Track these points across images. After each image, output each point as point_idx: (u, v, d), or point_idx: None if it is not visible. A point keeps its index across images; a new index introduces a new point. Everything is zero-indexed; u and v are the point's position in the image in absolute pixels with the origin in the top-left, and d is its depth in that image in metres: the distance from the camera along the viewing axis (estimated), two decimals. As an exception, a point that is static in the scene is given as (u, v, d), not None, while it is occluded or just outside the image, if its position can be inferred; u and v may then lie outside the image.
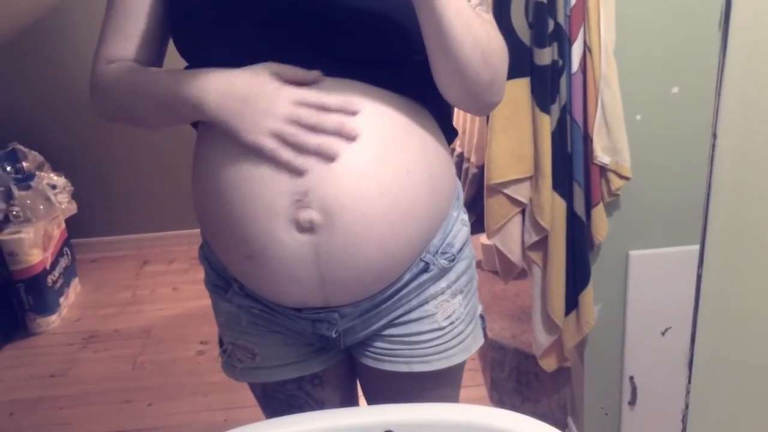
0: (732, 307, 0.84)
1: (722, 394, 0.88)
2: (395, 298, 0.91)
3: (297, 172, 0.78)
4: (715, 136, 0.68)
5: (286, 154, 0.77)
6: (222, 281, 0.94)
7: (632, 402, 1.65)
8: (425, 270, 0.91)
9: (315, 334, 0.92)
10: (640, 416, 1.66)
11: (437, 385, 0.99)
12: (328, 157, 0.77)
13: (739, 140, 0.75)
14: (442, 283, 0.93)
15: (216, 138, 0.83)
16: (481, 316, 1.02)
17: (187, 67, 0.87)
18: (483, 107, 0.87)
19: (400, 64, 0.86)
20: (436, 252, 0.91)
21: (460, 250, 0.94)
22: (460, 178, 2.53)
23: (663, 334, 1.60)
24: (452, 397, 1.03)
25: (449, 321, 0.95)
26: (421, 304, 0.93)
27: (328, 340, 0.93)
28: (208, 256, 0.96)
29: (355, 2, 0.80)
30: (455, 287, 0.95)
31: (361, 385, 1.07)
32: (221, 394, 2.12)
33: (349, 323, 0.91)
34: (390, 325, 0.93)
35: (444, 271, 0.93)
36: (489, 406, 1.54)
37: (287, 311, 0.90)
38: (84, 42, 2.82)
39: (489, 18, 0.85)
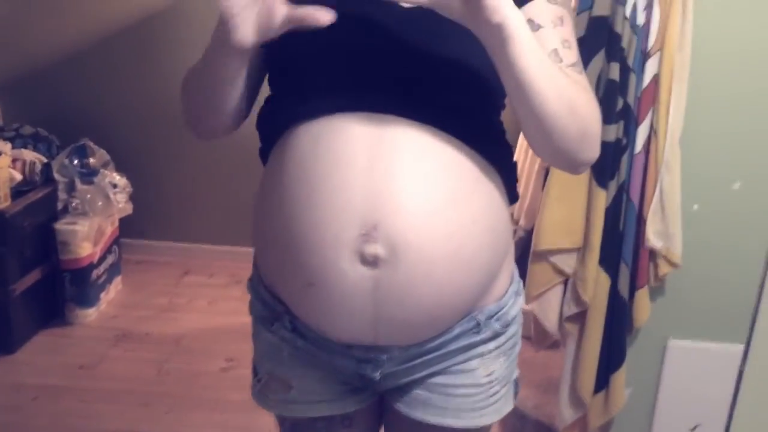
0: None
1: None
2: (443, 349, 0.91)
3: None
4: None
5: None
6: (269, 313, 0.94)
7: (650, 495, 1.60)
8: (476, 332, 0.91)
9: (357, 373, 0.92)
10: None
11: None
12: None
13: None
14: (491, 344, 0.94)
15: (286, 166, 0.85)
16: (515, 381, 1.01)
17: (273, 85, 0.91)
18: (576, 164, 0.86)
19: (473, 116, 0.87)
20: (492, 317, 0.92)
21: (515, 317, 0.95)
22: (506, 239, 2.53)
23: (692, 430, 1.56)
24: None
25: (488, 379, 0.94)
26: (466, 360, 0.93)
27: (368, 381, 0.93)
28: (257, 287, 0.96)
29: (438, 51, 0.83)
30: (502, 349, 0.95)
31: (385, 429, 1.06)
32: (239, 414, 2.12)
33: (394, 367, 0.91)
34: (431, 374, 0.93)
35: (496, 335, 0.93)
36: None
37: (334, 347, 0.90)
38: (166, 54, 2.95)
39: (581, 78, 0.85)
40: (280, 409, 0.98)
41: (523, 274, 1.61)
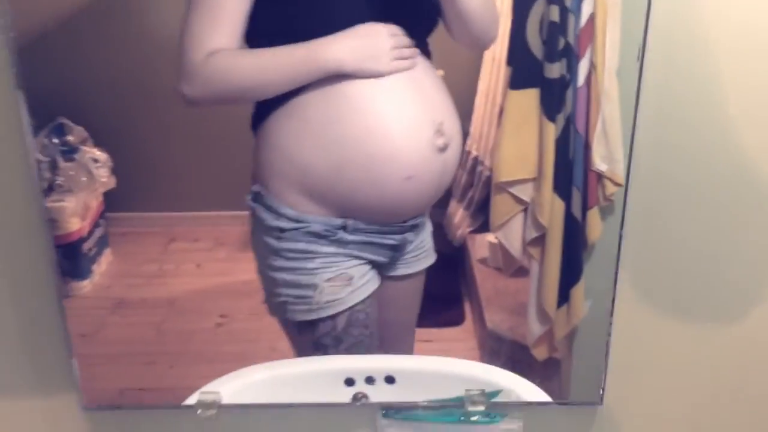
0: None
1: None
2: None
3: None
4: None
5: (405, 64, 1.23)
6: (329, 228, 1.21)
7: (614, 393, 1.77)
8: None
9: (396, 246, 1.26)
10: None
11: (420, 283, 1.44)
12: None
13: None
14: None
15: (344, 103, 1.15)
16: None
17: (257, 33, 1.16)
18: (486, 43, 1.34)
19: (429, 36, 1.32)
20: None
21: None
22: (474, 180, 2.67)
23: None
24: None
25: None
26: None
27: (398, 251, 1.28)
28: (302, 217, 1.24)
29: None
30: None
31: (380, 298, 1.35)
32: (237, 363, 2.26)
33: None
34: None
35: None
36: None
37: (393, 227, 1.24)
38: (137, 27, 2.99)
39: None
40: (343, 303, 1.25)
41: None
